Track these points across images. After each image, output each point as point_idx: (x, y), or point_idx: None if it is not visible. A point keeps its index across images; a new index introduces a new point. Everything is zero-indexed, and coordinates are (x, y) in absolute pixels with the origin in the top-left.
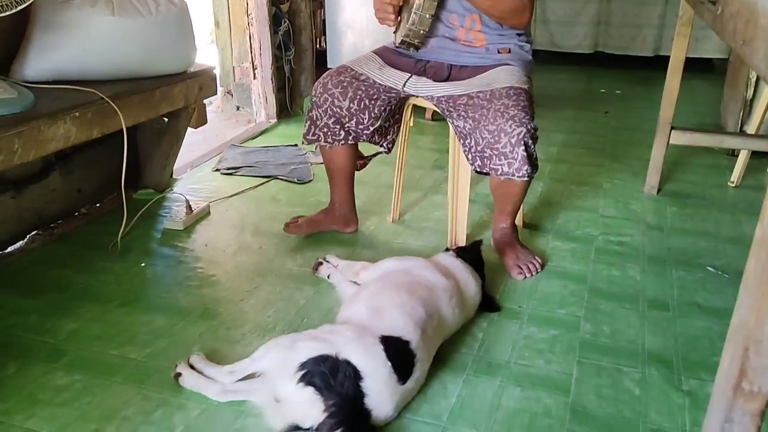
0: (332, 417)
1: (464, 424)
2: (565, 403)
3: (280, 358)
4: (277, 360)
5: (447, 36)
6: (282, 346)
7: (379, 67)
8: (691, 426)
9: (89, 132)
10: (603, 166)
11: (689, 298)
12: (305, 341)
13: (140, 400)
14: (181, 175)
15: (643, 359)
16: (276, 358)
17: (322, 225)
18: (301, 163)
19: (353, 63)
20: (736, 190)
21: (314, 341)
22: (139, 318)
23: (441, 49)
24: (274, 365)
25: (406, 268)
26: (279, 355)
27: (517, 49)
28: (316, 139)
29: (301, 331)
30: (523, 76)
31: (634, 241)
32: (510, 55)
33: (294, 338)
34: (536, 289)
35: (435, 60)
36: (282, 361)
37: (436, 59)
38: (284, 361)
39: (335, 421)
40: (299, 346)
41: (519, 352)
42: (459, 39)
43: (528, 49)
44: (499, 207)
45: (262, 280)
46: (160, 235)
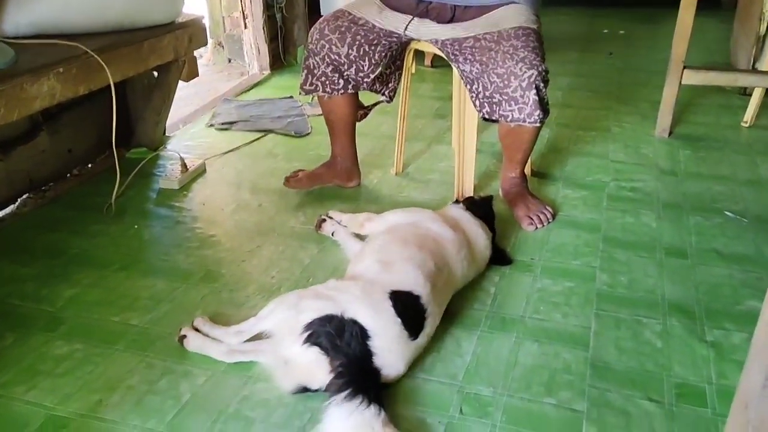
0: (339, 377)
1: (481, 382)
2: (585, 357)
3: (285, 318)
4: (282, 319)
5: None
6: (287, 305)
7: (379, 10)
8: (717, 378)
9: (75, 88)
10: (611, 109)
11: (708, 244)
12: (310, 300)
13: (144, 368)
14: (174, 132)
15: (663, 310)
16: (282, 317)
17: (323, 179)
18: (297, 115)
19: (351, 7)
20: (750, 130)
21: (319, 300)
22: (139, 282)
23: None
24: (279, 325)
25: (413, 220)
26: (284, 315)
27: None
28: (314, 89)
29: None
30: (532, 15)
31: (648, 186)
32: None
33: (300, 296)
34: (548, 240)
35: (437, 1)
36: (287, 320)
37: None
38: (289, 321)
39: (343, 381)
40: (304, 305)
41: (534, 306)
42: None
43: None
44: (508, 155)
45: (264, 239)
46: (156, 194)
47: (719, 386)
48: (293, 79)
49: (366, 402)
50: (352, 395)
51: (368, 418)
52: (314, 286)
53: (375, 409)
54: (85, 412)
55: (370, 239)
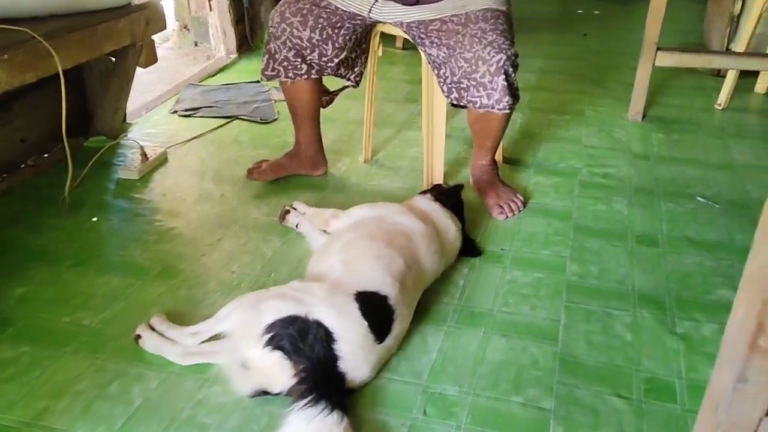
0: (302, 382)
1: (447, 381)
2: (554, 352)
3: (245, 319)
4: (242, 321)
5: None
6: (247, 306)
7: None
8: (687, 372)
9: (22, 77)
10: (584, 92)
11: (679, 231)
12: (272, 300)
13: (94, 371)
14: (135, 119)
15: (633, 301)
16: (241, 318)
17: (288, 169)
18: (264, 101)
19: None
20: (724, 112)
21: (282, 300)
22: (94, 279)
23: None
24: (239, 326)
25: (380, 214)
26: (244, 316)
27: None
28: (276, 75)
29: (268, 288)
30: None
31: (620, 172)
32: None
33: (260, 297)
34: (519, 229)
35: None
36: (247, 322)
37: None
38: (250, 322)
39: (305, 386)
40: (266, 306)
41: (503, 299)
42: None
43: None
44: (478, 142)
45: (226, 231)
46: (114, 185)
47: (689, 380)
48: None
49: (328, 408)
50: (315, 401)
51: (330, 425)
52: (276, 286)
53: (337, 415)
54: (30, 420)
55: (335, 235)
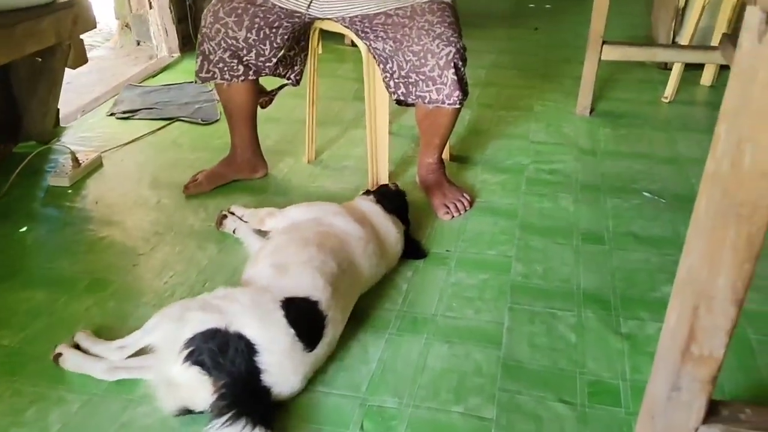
0: (221, 399)
1: (386, 392)
2: (497, 357)
3: (168, 332)
4: (166, 333)
5: None
6: (171, 317)
7: None
8: (631, 373)
9: None
10: (534, 87)
11: (625, 227)
12: (195, 312)
13: (10, 396)
14: (71, 122)
15: (578, 300)
16: (165, 330)
17: (225, 177)
18: (206, 101)
19: None
20: (670, 105)
21: (204, 312)
22: (17, 295)
23: None
24: (163, 340)
25: (316, 216)
26: (168, 328)
27: None
28: (212, 77)
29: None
30: None
31: (567, 168)
32: None
33: (185, 306)
34: (465, 229)
35: None
36: (170, 335)
37: None
38: (172, 335)
39: (225, 403)
40: (188, 318)
41: (446, 303)
42: None
43: None
44: (426, 140)
45: (160, 239)
46: (44, 194)
47: (633, 382)
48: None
49: (250, 425)
50: (234, 418)
51: None
52: (202, 295)
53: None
54: None
55: (268, 238)
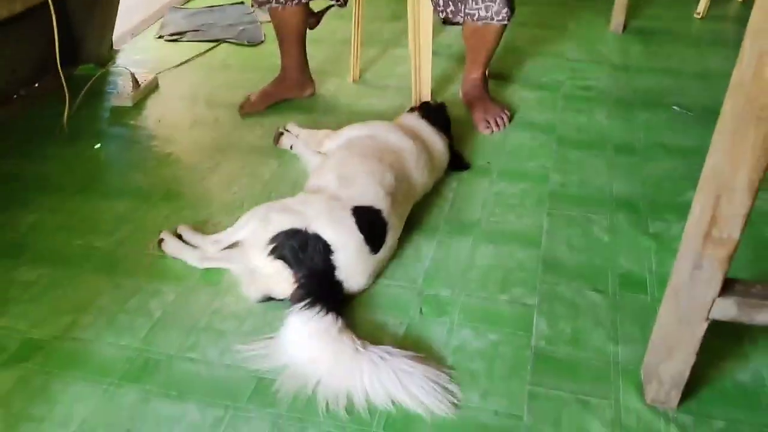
0: (302, 288)
1: (440, 285)
2: (537, 255)
3: (255, 229)
4: (252, 231)
5: None
6: (258, 217)
7: None
8: (657, 267)
9: (10, 6)
10: (567, 5)
11: (655, 139)
12: (278, 213)
13: (113, 288)
14: (122, 45)
15: (611, 206)
16: (252, 228)
17: (276, 96)
18: (250, 22)
19: None
20: (702, 22)
21: (286, 213)
22: (99, 204)
23: None
24: (250, 236)
25: (371, 133)
26: (254, 226)
27: None
28: (267, 1)
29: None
30: None
31: (601, 84)
32: None
33: (269, 208)
34: (505, 143)
35: None
36: (256, 232)
37: None
38: (258, 232)
39: (305, 291)
40: (272, 218)
41: (490, 209)
42: None
43: None
44: (471, 57)
45: (222, 155)
46: (109, 113)
47: (658, 274)
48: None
49: (324, 310)
50: (311, 304)
51: (325, 324)
52: (285, 199)
53: (332, 317)
54: (59, 333)
55: (330, 153)
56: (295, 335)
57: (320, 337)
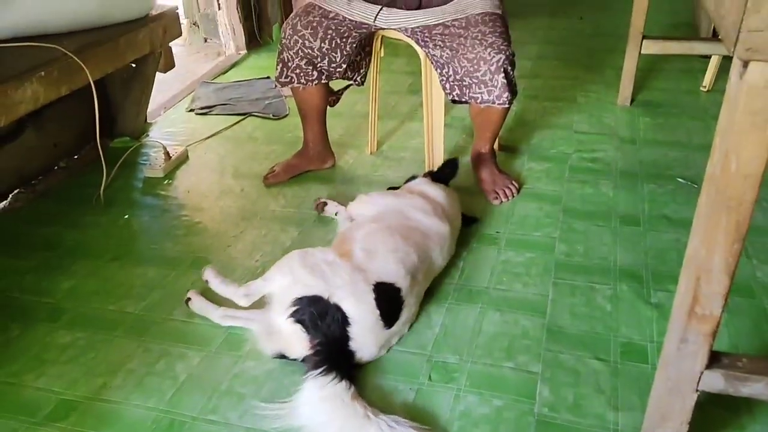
0: (317, 354)
1: (448, 351)
2: (542, 324)
3: (282, 286)
4: (280, 287)
5: None
6: (287, 272)
7: (348, 1)
8: (658, 337)
9: (57, 90)
10: (577, 78)
11: (659, 211)
12: (306, 273)
13: (142, 352)
14: (155, 118)
15: (614, 276)
16: (279, 284)
17: (299, 168)
18: (275, 97)
19: (321, 0)
20: (708, 94)
21: (313, 276)
22: (132, 271)
23: None
24: (277, 292)
25: (401, 209)
26: (282, 282)
27: None
28: (289, 81)
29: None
30: (496, 1)
31: (607, 156)
32: None
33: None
34: (513, 213)
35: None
36: (282, 289)
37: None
38: (284, 290)
39: (319, 358)
40: (300, 276)
41: (497, 278)
42: None
43: None
44: (479, 133)
45: (248, 223)
46: (142, 183)
47: (659, 343)
48: (270, 59)
49: (338, 378)
50: (326, 371)
51: (339, 391)
52: (317, 251)
53: (345, 384)
54: (91, 395)
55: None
56: (311, 399)
57: (333, 403)
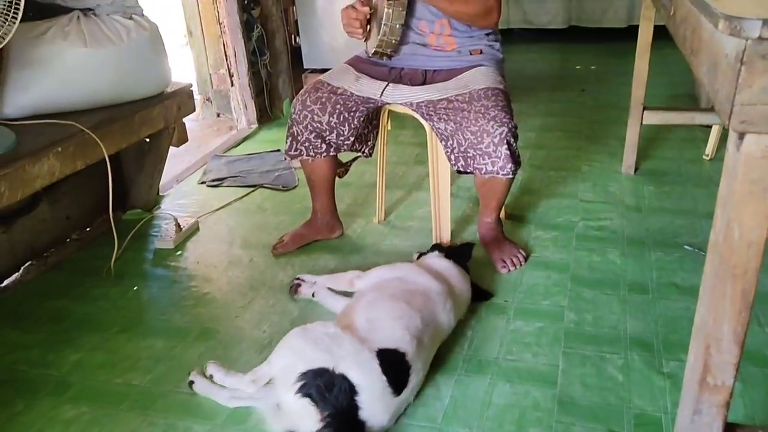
0: (328, 426)
1: (458, 424)
2: (553, 395)
3: (286, 365)
4: (284, 366)
5: (418, 42)
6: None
7: (356, 78)
8: (672, 407)
9: (73, 165)
10: (581, 148)
11: (667, 278)
12: (309, 348)
13: (147, 426)
14: (167, 190)
15: (625, 344)
16: (284, 364)
17: (307, 238)
18: (285, 169)
19: (329, 78)
20: (711, 162)
21: (317, 350)
22: (140, 343)
23: (413, 55)
24: (281, 371)
25: (401, 275)
26: (286, 362)
27: (488, 49)
28: (299, 154)
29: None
30: (498, 76)
31: (614, 224)
32: (482, 56)
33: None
34: (521, 282)
35: (409, 67)
36: (287, 368)
37: (410, 66)
38: (289, 368)
39: (332, 430)
40: (303, 354)
41: (507, 348)
42: (430, 45)
43: (498, 48)
44: (484, 203)
45: (255, 294)
46: (152, 255)
47: (673, 414)
48: (280, 132)
49: None
50: None
51: None
52: (315, 325)
53: None
54: None
55: (359, 294)
56: None
57: None
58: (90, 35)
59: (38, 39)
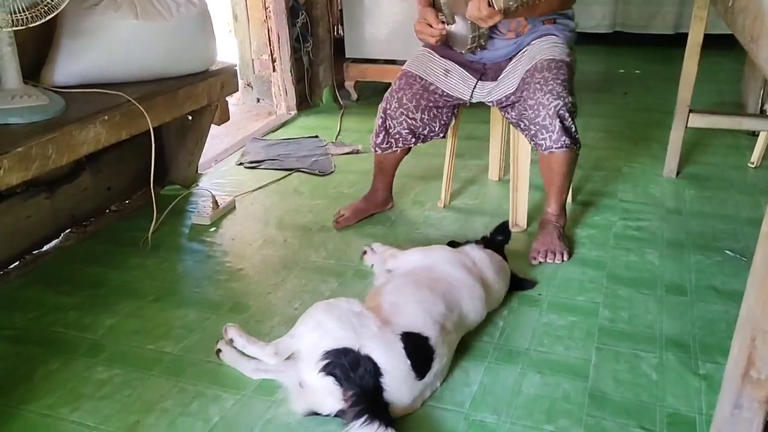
0: (355, 405)
1: (486, 410)
2: (584, 388)
3: (311, 341)
4: (309, 342)
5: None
6: (314, 326)
7: (444, 72)
8: (707, 409)
9: (118, 134)
10: (622, 149)
11: (707, 282)
12: (334, 325)
13: (177, 392)
14: (206, 169)
15: (660, 344)
16: (308, 340)
17: (366, 211)
18: (321, 155)
19: (418, 69)
20: (756, 170)
21: (341, 329)
22: (173, 313)
23: (495, 50)
24: (305, 347)
25: (429, 264)
26: (311, 338)
27: (561, 17)
28: (389, 147)
29: (334, 300)
30: (566, 48)
31: (653, 225)
32: (554, 25)
33: (327, 313)
34: (556, 276)
35: (491, 61)
36: (311, 345)
37: (492, 60)
38: (312, 345)
39: (358, 408)
40: (328, 329)
41: (538, 339)
42: (508, 36)
43: (571, 15)
44: (546, 188)
45: (288, 272)
46: (188, 230)
47: (708, 416)
48: (318, 120)
49: (383, 427)
50: (370, 420)
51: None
52: (340, 301)
53: None
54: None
55: (389, 279)
56: None
57: None
58: (141, 8)
59: (90, 9)
